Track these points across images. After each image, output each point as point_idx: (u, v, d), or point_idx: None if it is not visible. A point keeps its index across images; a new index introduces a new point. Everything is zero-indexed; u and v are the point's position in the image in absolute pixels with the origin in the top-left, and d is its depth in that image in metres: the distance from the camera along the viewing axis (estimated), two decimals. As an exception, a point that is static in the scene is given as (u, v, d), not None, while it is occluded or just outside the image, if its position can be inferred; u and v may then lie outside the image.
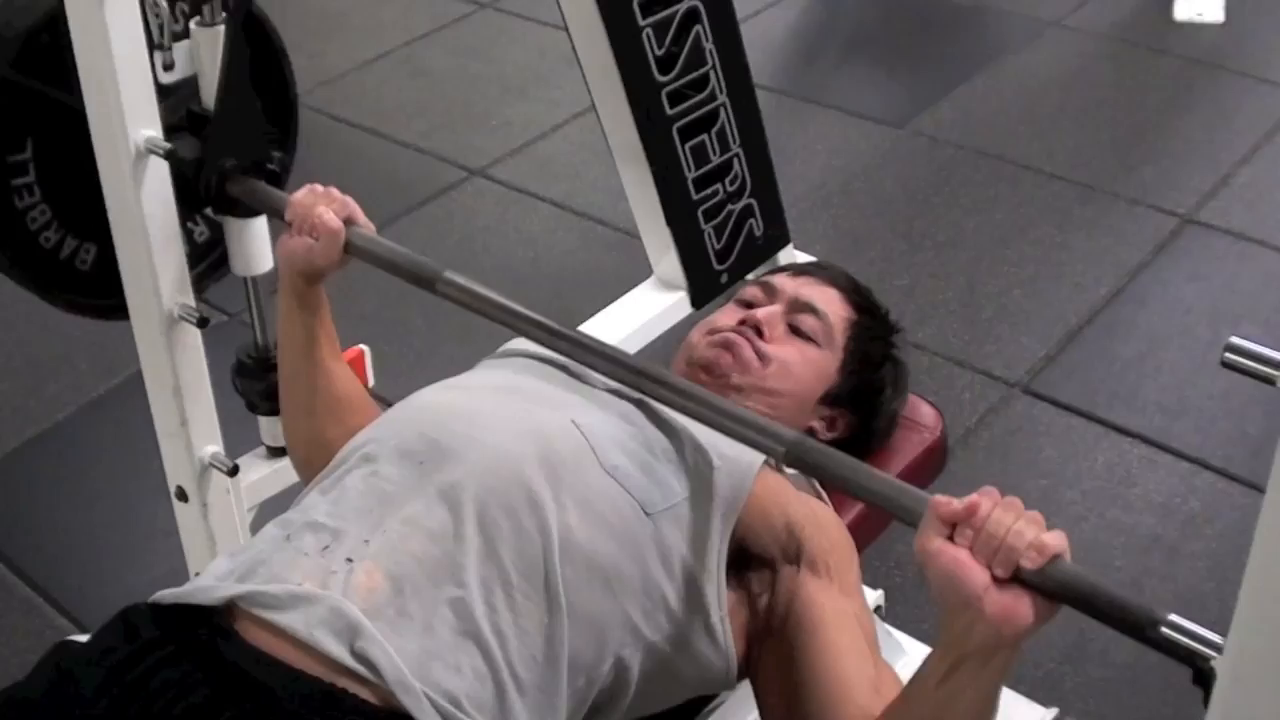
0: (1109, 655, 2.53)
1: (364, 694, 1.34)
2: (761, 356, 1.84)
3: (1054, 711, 2.28)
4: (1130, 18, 4.91)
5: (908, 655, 2.36)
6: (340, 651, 1.35)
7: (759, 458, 1.62)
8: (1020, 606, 1.22)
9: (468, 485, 1.48)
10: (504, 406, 1.60)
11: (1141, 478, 2.94)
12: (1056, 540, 1.22)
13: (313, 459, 1.81)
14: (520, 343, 1.82)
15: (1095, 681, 2.48)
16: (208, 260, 2.09)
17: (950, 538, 1.25)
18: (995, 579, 1.22)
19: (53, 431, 3.16)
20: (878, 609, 2.32)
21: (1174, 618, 1.15)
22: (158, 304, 1.86)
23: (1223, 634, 1.08)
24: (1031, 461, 2.96)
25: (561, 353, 1.65)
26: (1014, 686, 2.35)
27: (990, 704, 1.33)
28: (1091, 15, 4.92)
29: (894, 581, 2.63)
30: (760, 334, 1.86)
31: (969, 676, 1.28)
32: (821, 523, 1.65)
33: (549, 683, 1.44)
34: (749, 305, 1.94)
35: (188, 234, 1.98)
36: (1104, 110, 4.29)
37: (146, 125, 1.77)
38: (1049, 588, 1.21)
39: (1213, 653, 1.08)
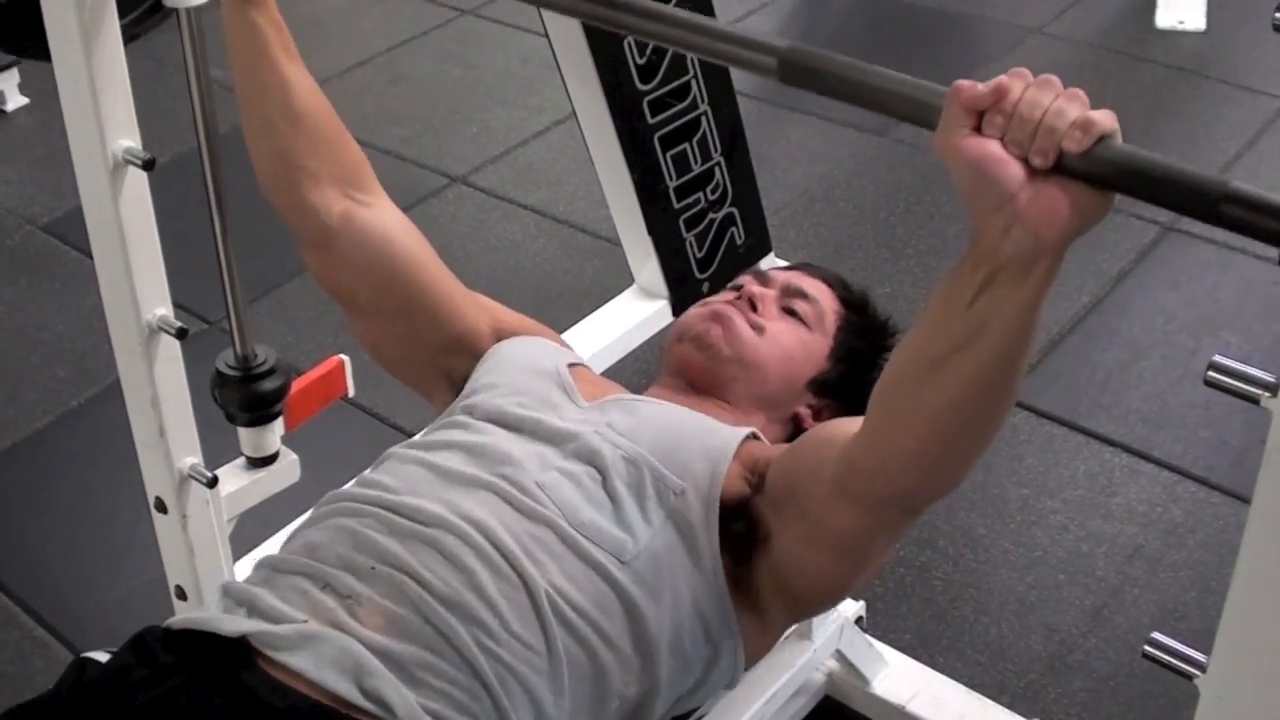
0: (1091, 666, 2.52)
1: None
2: (754, 327, 1.84)
3: (1036, 722, 2.28)
4: (1112, 25, 4.91)
5: (889, 666, 2.36)
6: (350, 690, 1.36)
7: (724, 461, 1.62)
8: (1063, 201, 1.08)
9: (454, 546, 1.48)
10: (469, 479, 1.57)
11: (1123, 487, 2.93)
12: (1105, 117, 1.08)
13: (280, 183, 1.80)
14: (485, 377, 1.80)
15: (1078, 692, 2.48)
16: (143, 4, 1.94)
17: (978, 129, 1.11)
18: (1033, 171, 1.08)
19: (31, 441, 3.14)
20: (859, 620, 2.32)
21: (1236, 195, 1.00)
22: (136, 315, 1.84)
23: (1206, 646, 1.07)
24: (1013, 470, 2.96)
25: None
26: (996, 698, 2.36)
27: (1032, 324, 1.18)
28: (1073, 23, 4.93)
29: (874, 592, 2.62)
30: (754, 308, 1.86)
31: (1006, 292, 1.14)
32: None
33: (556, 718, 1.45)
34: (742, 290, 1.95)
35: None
36: (1085, 118, 4.27)
37: (125, 135, 1.76)
38: (1099, 172, 1.06)
39: (1197, 671, 1.07)
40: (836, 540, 1.51)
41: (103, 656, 1.48)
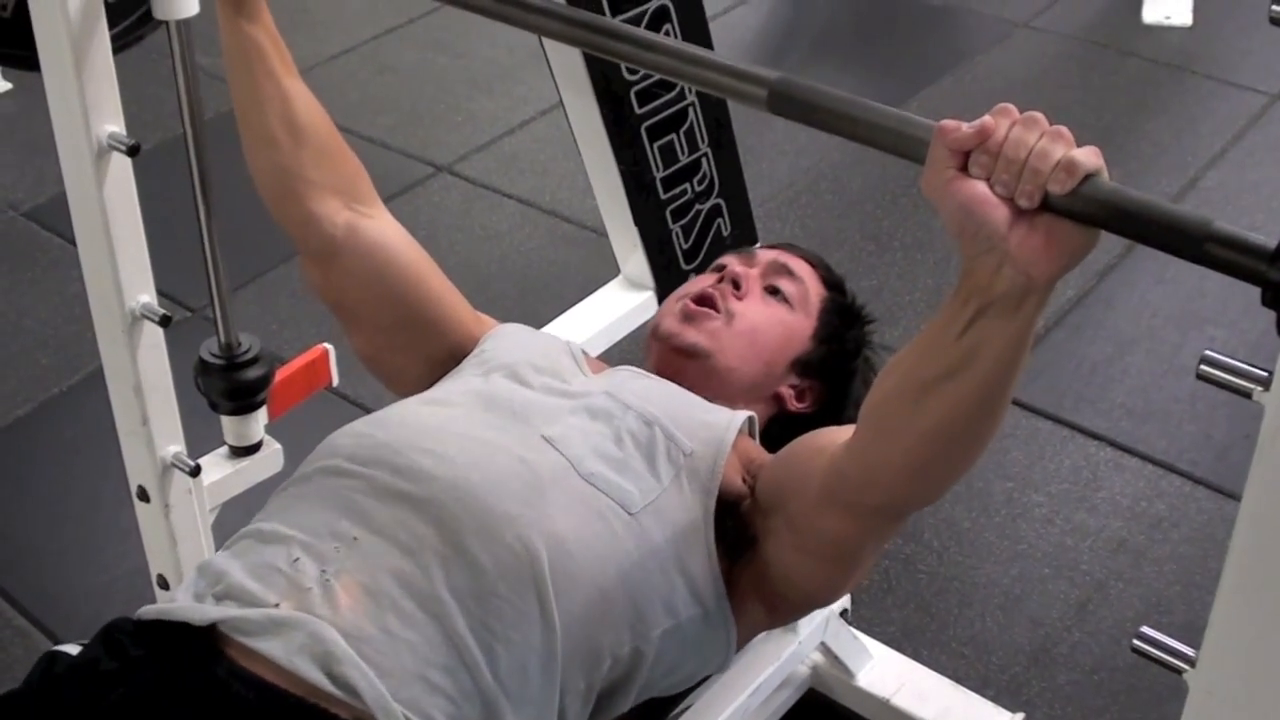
0: (1076, 660, 2.52)
1: (345, 715, 1.34)
2: (728, 315, 1.83)
3: (1020, 716, 2.28)
4: (1099, 20, 4.91)
5: (874, 659, 2.36)
6: (319, 678, 1.35)
7: (731, 434, 1.63)
8: (1053, 241, 1.09)
9: (447, 503, 1.47)
10: (479, 426, 1.59)
11: (1108, 481, 2.93)
12: (1089, 156, 1.08)
13: (283, 197, 1.78)
14: (494, 343, 1.81)
15: (1062, 686, 2.48)
16: (133, 15, 1.92)
17: (965, 169, 1.12)
18: (1021, 211, 1.09)
19: (12, 428, 3.13)
20: (843, 613, 2.31)
21: (1220, 236, 1.00)
22: (119, 302, 1.83)
23: (1190, 640, 1.07)
24: (998, 464, 2.96)
25: (509, 19, 1.59)
26: (980, 691, 2.36)
27: (1020, 355, 1.19)
28: (1060, 17, 4.92)
29: (859, 585, 2.62)
30: (737, 287, 1.85)
31: (996, 326, 1.16)
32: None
33: (543, 692, 1.44)
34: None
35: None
36: (1072, 112, 4.28)
37: (109, 121, 1.74)
38: (1084, 211, 1.06)
39: (1185, 665, 1.06)
40: (824, 546, 1.53)
41: (73, 650, 1.47)
